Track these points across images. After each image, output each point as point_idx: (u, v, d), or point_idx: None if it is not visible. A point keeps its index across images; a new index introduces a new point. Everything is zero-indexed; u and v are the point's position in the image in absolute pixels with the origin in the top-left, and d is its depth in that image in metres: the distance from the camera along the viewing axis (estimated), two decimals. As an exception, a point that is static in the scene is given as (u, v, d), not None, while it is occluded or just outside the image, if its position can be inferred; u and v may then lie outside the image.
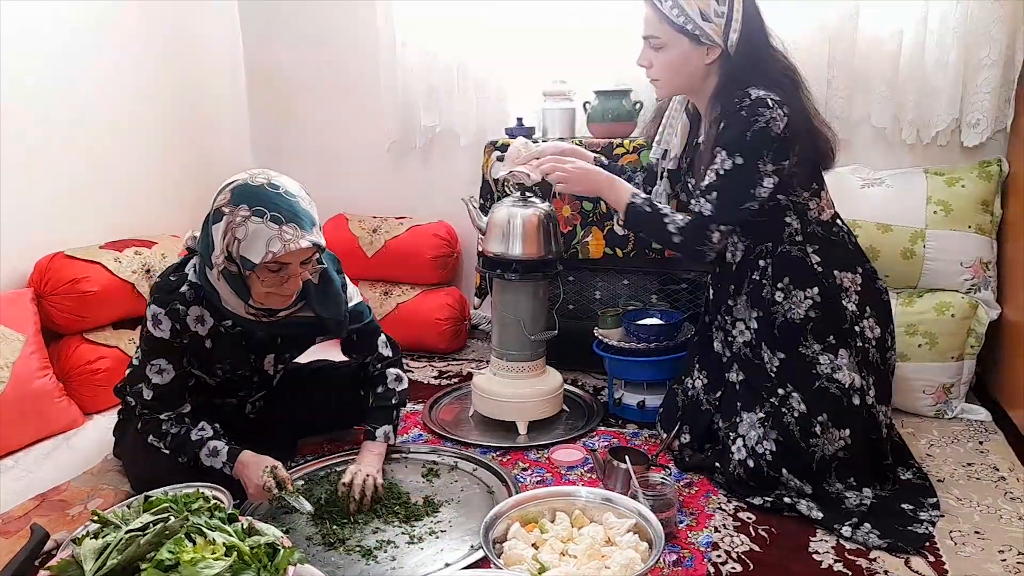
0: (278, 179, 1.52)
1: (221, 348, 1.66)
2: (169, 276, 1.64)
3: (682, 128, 1.86)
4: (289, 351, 1.81)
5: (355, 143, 3.01)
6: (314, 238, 1.49)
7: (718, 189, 1.65)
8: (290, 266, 1.50)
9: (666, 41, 1.67)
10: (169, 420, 1.64)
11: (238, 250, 1.46)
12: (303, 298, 1.63)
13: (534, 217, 1.97)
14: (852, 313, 1.70)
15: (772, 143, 1.62)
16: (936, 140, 2.31)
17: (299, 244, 1.45)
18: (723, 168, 1.64)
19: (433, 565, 1.46)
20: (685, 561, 1.48)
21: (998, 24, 2.14)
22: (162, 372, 1.61)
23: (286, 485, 1.57)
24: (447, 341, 2.76)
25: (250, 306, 1.56)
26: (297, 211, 1.48)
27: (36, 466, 1.92)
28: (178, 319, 1.59)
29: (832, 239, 1.75)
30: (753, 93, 1.63)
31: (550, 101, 2.52)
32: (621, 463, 1.63)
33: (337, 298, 1.69)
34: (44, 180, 2.27)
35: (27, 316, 2.09)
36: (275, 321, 1.62)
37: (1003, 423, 2.07)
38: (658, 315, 2.22)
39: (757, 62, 1.67)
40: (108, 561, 1.05)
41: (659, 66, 1.71)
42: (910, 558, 1.47)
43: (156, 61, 2.67)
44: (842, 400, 1.65)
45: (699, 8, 1.62)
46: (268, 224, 1.44)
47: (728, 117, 1.65)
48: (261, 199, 1.46)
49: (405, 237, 2.81)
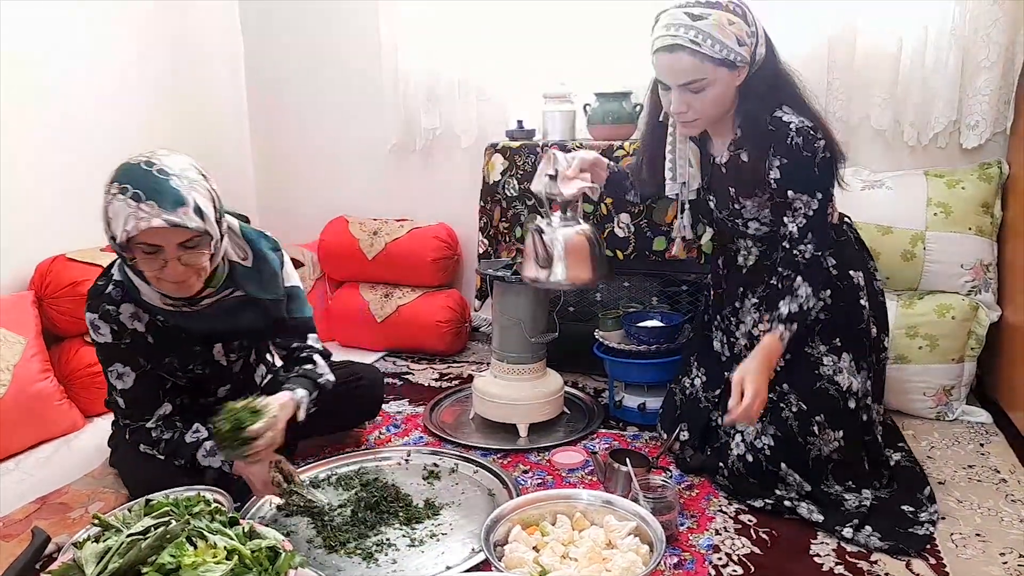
0: (163, 157, 1.44)
1: (163, 343, 1.62)
2: (97, 281, 1.60)
3: (694, 156, 1.80)
4: (237, 338, 1.73)
5: (356, 145, 3.02)
6: (174, 218, 1.38)
7: (813, 229, 1.62)
8: (164, 250, 1.42)
9: (711, 80, 1.58)
10: (157, 427, 1.62)
11: (109, 229, 1.42)
12: (231, 283, 1.59)
13: (583, 238, 1.78)
14: (869, 312, 1.73)
15: (833, 167, 1.63)
16: (936, 142, 2.31)
17: (150, 223, 1.36)
18: (810, 210, 1.62)
19: (434, 568, 1.46)
20: (686, 564, 1.48)
21: (997, 26, 2.14)
22: (122, 376, 1.59)
23: (293, 478, 1.55)
24: (447, 343, 2.76)
25: (164, 296, 1.52)
26: (161, 189, 1.39)
27: (37, 469, 1.92)
28: (112, 320, 1.56)
29: (842, 240, 1.77)
30: (787, 119, 1.61)
31: (550, 103, 2.52)
32: (622, 466, 1.63)
33: (273, 277, 1.65)
34: (45, 183, 2.28)
35: (28, 319, 2.09)
36: (200, 310, 1.58)
37: (1004, 425, 2.07)
38: (659, 317, 2.22)
39: (770, 74, 1.64)
40: (109, 565, 1.05)
41: (703, 106, 1.62)
42: (911, 560, 1.47)
43: (158, 64, 2.67)
44: (839, 402, 1.66)
45: (735, 36, 1.55)
46: (128, 201, 1.37)
47: (782, 152, 1.60)
48: (130, 176, 1.40)
49: (406, 239, 2.81)
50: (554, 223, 1.79)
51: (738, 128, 1.70)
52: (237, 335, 1.73)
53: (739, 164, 1.71)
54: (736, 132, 1.71)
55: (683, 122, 1.68)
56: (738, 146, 1.70)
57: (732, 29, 1.55)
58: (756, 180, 1.67)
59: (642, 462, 1.68)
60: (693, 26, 1.54)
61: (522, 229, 2.33)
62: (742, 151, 1.70)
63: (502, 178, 2.49)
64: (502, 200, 2.51)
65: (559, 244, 1.75)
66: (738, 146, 1.70)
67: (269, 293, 1.64)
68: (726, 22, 1.54)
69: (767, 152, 1.63)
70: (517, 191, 2.47)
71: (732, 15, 1.56)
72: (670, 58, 1.58)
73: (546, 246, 1.75)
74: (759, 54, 1.62)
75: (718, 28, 1.54)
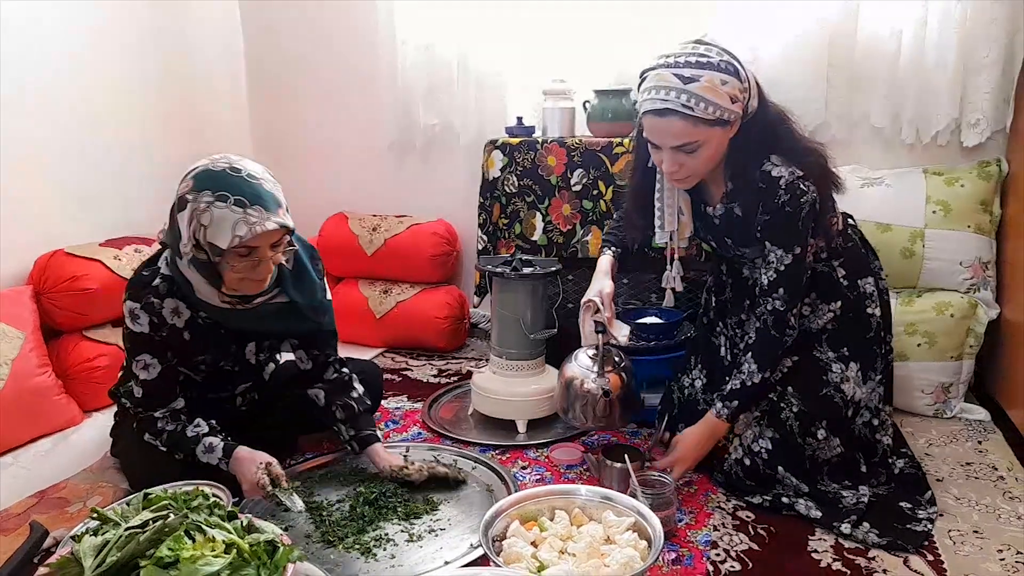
0: (240, 163, 1.50)
1: (200, 339, 1.64)
2: (142, 271, 1.62)
3: (686, 205, 1.74)
4: (270, 339, 1.77)
5: (355, 141, 3.01)
6: (280, 219, 1.48)
7: (784, 284, 1.61)
8: (259, 250, 1.48)
9: (704, 141, 1.54)
10: (164, 417, 1.64)
11: (205, 236, 1.45)
12: (278, 284, 1.62)
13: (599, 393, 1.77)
14: (878, 320, 1.72)
15: (815, 217, 1.60)
16: (935, 140, 2.31)
17: (265, 226, 1.44)
18: (782, 265, 1.60)
19: (432, 563, 1.46)
20: (684, 559, 1.48)
21: (998, 24, 2.14)
22: (148, 367, 1.61)
23: (280, 482, 1.56)
24: (446, 339, 2.76)
25: (223, 293, 1.55)
26: (260, 193, 1.46)
27: (35, 463, 1.92)
28: (154, 313, 1.58)
29: (849, 245, 1.76)
30: (776, 174, 1.56)
31: (550, 100, 2.52)
32: (616, 462, 1.63)
33: (312, 284, 1.69)
34: (44, 178, 2.27)
35: (27, 313, 2.09)
36: (250, 308, 1.61)
37: (1002, 423, 2.07)
38: (657, 314, 2.22)
39: (761, 122, 1.59)
40: (107, 558, 1.04)
41: (696, 164, 1.58)
42: (909, 557, 1.47)
43: (156, 58, 2.66)
44: (841, 410, 1.67)
45: (728, 95, 1.50)
46: (232, 208, 1.43)
47: (770, 209, 1.58)
48: (224, 183, 1.45)
49: (405, 235, 2.81)
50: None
51: (729, 181, 1.66)
52: (274, 336, 1.76)
53: (734, 219, 1.69)
54: (727, 184, 1.67)
55: (675, 180, 1.64)
56: (731, 199, 1.68)
57: (725, 89, 1.50)
58: (752, 234, 1.66)
59: (635, 456, 1.68)
60: (685, 89, 1.48)
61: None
62: (735, 205, 1.67)
63: (501, 174, 2.49)
64: (501, 196, 2.50)
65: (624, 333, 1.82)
66: (731, 199, 1.68)
67: (309, 299, 1.67)
68: (719, 83, 1.49)
69: (757, 208, 1.61)
70: (516, 187, 2.47)
71: (724, 74, 1.50)
72: (661, 122, 1.53)
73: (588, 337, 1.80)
74: (751, 107, 1.57)
75: (711, 90, 1.48)
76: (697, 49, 1.52)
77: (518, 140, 2.48)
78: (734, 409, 1.66)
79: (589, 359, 1.78)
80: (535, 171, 2.45)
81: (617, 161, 2.33)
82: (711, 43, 1.55)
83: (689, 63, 1.50)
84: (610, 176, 2.35)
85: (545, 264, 2.10)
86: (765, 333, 1.65)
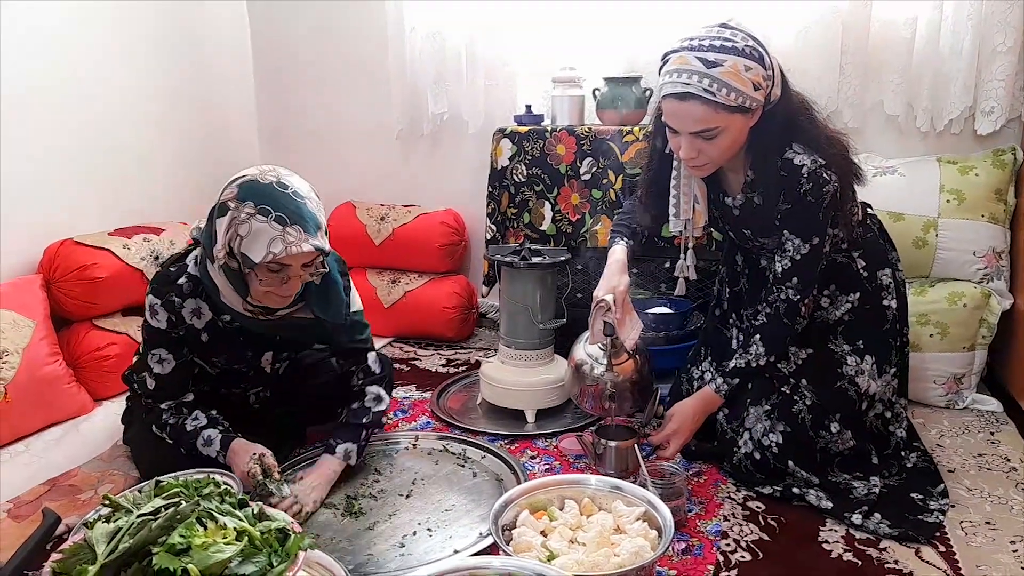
0: (288, 178, 1.49)
1: (217, 343, 1.65)
2: (169, 267, 1.63)
3: (702, 194, 1.72)
4: (287, 350, 1.79)
5: (363, 130, 3.00)
6: (318, 242, 1.46)
7: (798, 273, 1.60)
8: (290, 267, 1.47)
9: (724, 127, 1.50)
10: (168, 410, 1.64)
11: (240, 247, 1.44)
12: (302, 299, 1.62)
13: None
14: (894, 312, 1.71)
15: (835, 206, 1.59)
16: (950, 128, 2.28)
17: (301, 248, 1.43)
18: (799, 254, 1.59)
19: (442, 552, 1.46)
20: (694, 549, 1.47)
21: (1014, 10, 2.11)
22: (163, 362, 1.61)
23: (272, 473, 1.55)
24: (455, 329, 2.76)
25: (248, 303, 1.55)
26: (303, 213, 1.45)
27: (46, 451, 1.93)
28: (173, 311, 1.59)
29: (868, 236, 1.74)
30: (799, 162, 1.54)
31: (559, 88, 2.50)
32: (610, 441, 1.64)
33: (338, 301, 1.67)
34: (53, 167, 2.27)
35: (37, 302, 2.09)
36: (273, 320, 1.61)
37: (1014, 413, 2.05)
38: (667, 303, 2.21)
39: (783, 110, 1.57)
40: (120, 545, 1.05)
41: (714, 151, 1.55)
42: (920, 548, 1.47)
43: (164, 48, 2.66)
44: (855, 403, 1.66)
45: (752, 81, 1.47)
46: (272, 224, 1.42)
47: (792, 199, 1.56)
48: (268, 198, 1.44)
49: (413, 225, 2.80)
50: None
51: (750, 170, 1.64)
52: (290, 348, 1.77)
53: (754, 208, 1.67)
54: (748, 173, 1.65)
55: (693, 167, 1.62)
56: (752, 188, 1.66)
57: (748, 75, 1.46)
58: (771, 224, 1.64)
59: (629, 435, 1.68)
60: (708, 74, 1.45)
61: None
62: (755, 194, 1.65)
63: (510, 163, 2.48)
64: (510, 186, 2.49)
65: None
66: (752, 188, 1.66)
67: (332, 317, 1.66)
68: (743, 68, 1.45)
69: (779, 198, 1.60)
70: (525, 176, 2.46)
71: (749, 60, 1.46)
72: (681, 106, 1.50)
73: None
74: (774, 95, 1.54)
75: (734, 75, 1.45)
76: (722, 33, 1.49)
77: (527, 129, 2.47)
78: (733, 386, 1.69)
79: (599, 349, 1.77)
80: (544, 160, 2.44)
81: (627, 150, 2.31)
82: (737, 27, 1.51)
83: (713, 47, 1.47)
84: (620, 165, 2.33)
85: (554, 254, 2.09)
86: (777, 320, 1.64)
